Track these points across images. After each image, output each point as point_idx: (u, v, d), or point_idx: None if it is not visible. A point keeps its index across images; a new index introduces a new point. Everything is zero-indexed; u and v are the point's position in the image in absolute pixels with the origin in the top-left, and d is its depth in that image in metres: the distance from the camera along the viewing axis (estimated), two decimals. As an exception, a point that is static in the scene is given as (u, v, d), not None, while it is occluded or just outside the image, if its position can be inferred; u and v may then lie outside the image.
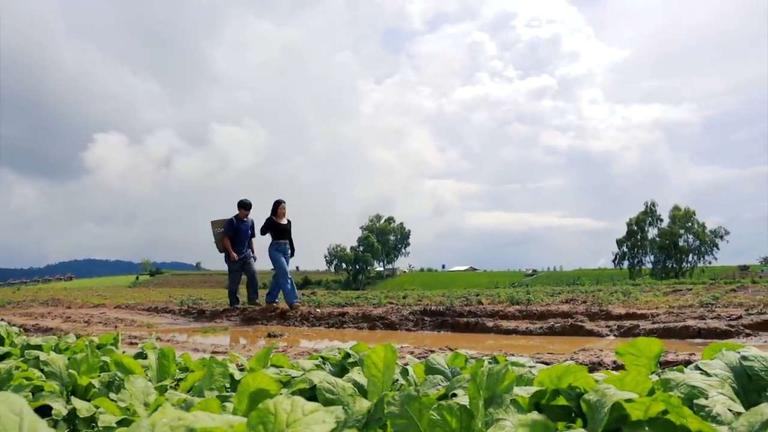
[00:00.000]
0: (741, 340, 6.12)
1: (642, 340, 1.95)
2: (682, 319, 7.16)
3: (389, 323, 8.66)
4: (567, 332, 7.12)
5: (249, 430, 1.08)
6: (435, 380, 2.17)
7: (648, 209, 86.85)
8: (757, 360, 1.86)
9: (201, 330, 9.07)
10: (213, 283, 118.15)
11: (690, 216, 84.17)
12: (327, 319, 9.49)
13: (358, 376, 2.24)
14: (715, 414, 1.57)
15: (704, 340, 6.23)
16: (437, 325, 8.33)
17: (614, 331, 6.96)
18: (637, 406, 1.46)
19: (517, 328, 7.47)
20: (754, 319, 6.73)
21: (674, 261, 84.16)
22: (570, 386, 1.68)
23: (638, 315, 7.79)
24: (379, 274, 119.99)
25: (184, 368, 3.18)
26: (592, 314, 8.03)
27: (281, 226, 11.73)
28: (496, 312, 8.64)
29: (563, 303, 10.54)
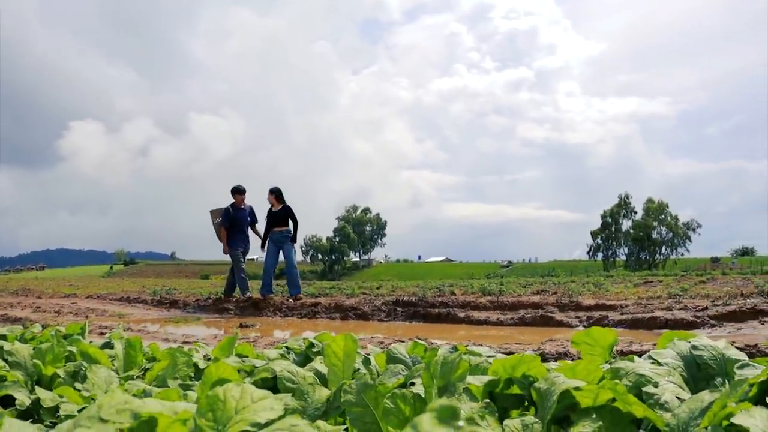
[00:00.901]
0: (706, 331, 6.22)
1: (596, 329, 1.99)
2: (649, 310, 7.26)
3: (362, 314, 8.70)
4: (537, 323, 7.19)
5: (199, 417, 1.10)
6: (396, 369, 2.20)
7: (622, 202, 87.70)
8: (706, 349, 1.91)
9: (173, 320, 9.05)
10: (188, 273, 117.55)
11: (663, 209, 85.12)
12: (300, 310, 9.50)
13: (320, 365, 2.26)
14: (663, 401, 1.61)
15: (671, 331, 6.31)
16: (409, 316, 8.37)
17: (584, 322, 7.05)
18: (586, 393, 1.50)
19: (488, 319, 7.53)
20: (719, 310, 6.85)
21: (648, 253, 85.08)
22: (524, 375, 1.72)
23: (607, 306, 7.90)
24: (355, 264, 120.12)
25: (152, 358, 3.18)
26: (563, 305, 8.12)
27: (273, 214, 11.52)
28: (468, 303, 8.71)
29: (534, 294, 10.64)
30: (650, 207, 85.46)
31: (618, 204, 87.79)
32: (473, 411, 1.53)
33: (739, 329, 6.14)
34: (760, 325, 6.23)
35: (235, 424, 1.08)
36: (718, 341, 2.01)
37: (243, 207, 11.76)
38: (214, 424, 1.09)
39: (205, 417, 1.10)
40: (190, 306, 11.03)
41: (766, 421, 1.32)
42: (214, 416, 1.11)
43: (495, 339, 6.21)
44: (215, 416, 1.11)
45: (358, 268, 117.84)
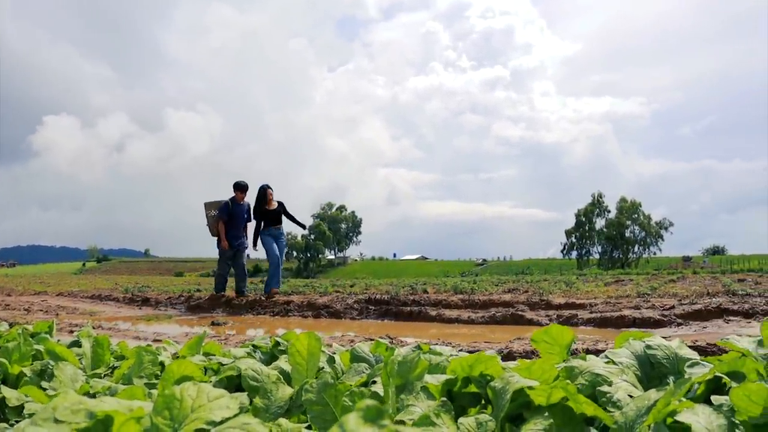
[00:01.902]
0: (673, 329, 6.31)
1: (555, 328, 2.04)
2: (618, 309, 7.35)
3: (334, 312, 8.71)
4: (508, 321, 7.25)
5: (155, 415, 1.12)
6: (359, 368, 2.24)
7: (596, 201, 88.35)
8: (660, 349, 1.97)
9: (145, 318, 9.01)
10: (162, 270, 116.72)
11: (636, 208, 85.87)
12: (272, 308, 9.50)
13: (285, 364, 2.29)
14: (615, 400, 1.65)
15: (639, 330, 6.40)
16: (381, 314, 8.40)
17: (554, 320, 7.11)
18: (540, 392, 1.54)
19: (459, 317, 7.58)
20: (685, 309, 6.95)
21: (621, 252, 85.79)
22: (481, 374, 1.76)
23: (577, 305, 7.98)
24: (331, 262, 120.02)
25: (120, 356, 3.18)
26: (533, 304, 8.20)
27: (270, 214, 11.34)
28: (440, 301, 8.75)
29: (505, 293, 10.71)
30: (623, 206, 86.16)
31: (592, 203, 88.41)
32: (430, 409, 1.57)
33: (704, 328, 6.24)
34: (725, 324, 6.34)
35: (191, 422, 1.11)
36: (672, 341, 2.07)
37: (242, 203, 11.51)
38: (171, 422, 1.12)
39: (162, 415, 1.13)
40: (162, 304, 10.99)
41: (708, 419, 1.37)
42: (171, 414, 1.13)
43: (466, 337, 6.26)
44: (171, 414, 1.13)
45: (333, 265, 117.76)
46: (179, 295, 11.88)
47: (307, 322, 8.27)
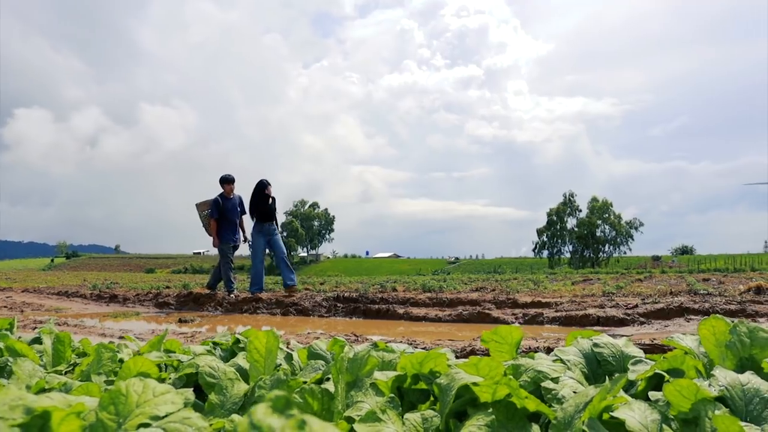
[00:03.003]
0: (635, 328, 6.40)
1: (503, 327, 2.09)
2: (583, 307, 7.45)
3: (302, 309, 8.72)
4: (474, 319, 7.30)
5: (101, 410, 1.15)
6: (316, 365, 2.28)
7: (567, 200, 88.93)
8: (606, 347, 2.03)
9: (112, 315, 8.95)
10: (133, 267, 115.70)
11: (607, 207, 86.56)
12: (241, 305, 9.49)
13: (243, 361, 2.31)
14: (560, 396, 1.71)
15: (603, 328, 6.49)
16: (349, 312, 8.43)
17: (519, 319, 7.19)
18: (485, 389, 1.59)
19: (427, 315, 7.63)
20: (648, 307, 7.06)
21: (591, 251, 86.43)
22: (431, 371, 1.81)
23: (543, 303, 8.07)
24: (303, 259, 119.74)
25: (82, 353, 3.18)
26: (500, 302, 8.28)
27: (265, 208, 11.16)
28: (408, 299, 8.80)
29: (473, 291, 10.79)
30: (595, 206, 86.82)
31: (563, 202, 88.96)
32: (377, 405, 1.61)
33: (666, 326, 6.35)
34: (685, 323, 6.45)
35: (135, 417, 1.14)
36: (619, 339, 2.13)
37: (232, 197, 11.23)
38: (116, 417, 1.15)
39: (107, 410, 1.15)
40: (130, 300, 10.92)
41: (643, 414, 1.43)
42: (116, 410, 1.16)
43: (432, 335, 6.30)
44: (117, 410, 1.16)
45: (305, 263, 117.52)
46: (147, 292, 11.82)
47: (276, 319, 8.27)
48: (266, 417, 0.58)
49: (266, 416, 0.58)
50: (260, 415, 0.58)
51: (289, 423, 0.58)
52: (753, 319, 6.45)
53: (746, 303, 7.19)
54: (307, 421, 0.58)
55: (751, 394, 1.43)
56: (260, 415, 0.58)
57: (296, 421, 0.58)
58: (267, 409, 0.59)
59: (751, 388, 1.44)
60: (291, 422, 0.58)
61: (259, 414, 0.58)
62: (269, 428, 0.57)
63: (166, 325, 7.73)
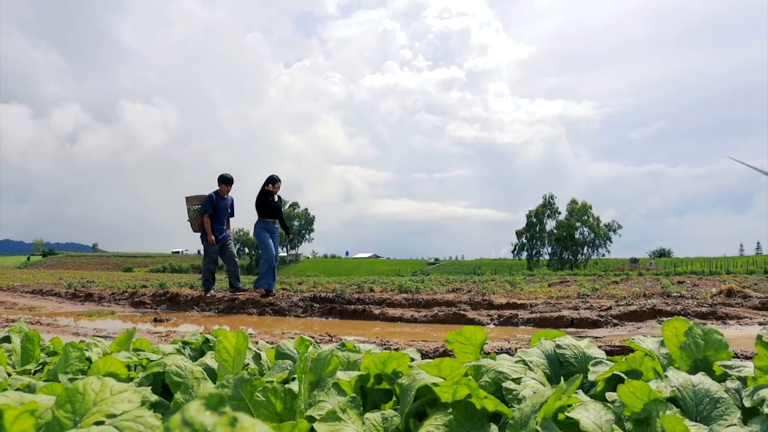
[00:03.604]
0: (608, 329, 6.46)
1: (468, 328, 2.11)
2: (557, 309, 7.50)
3: (278, 309, 8.72)
4: (450, 320, 7.33)
5: (57, 408, 1.16)
6: (284, 365, 2.29)
7: (547, 202, 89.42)
8: (569, 348, 2.06)
9: (86, 314, 8.90)
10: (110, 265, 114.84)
11: (586, 210, 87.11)
12: (217, 305, 9.46)
13: (211, 360, 2.32)
14: (521, 397, 1.74)
15: (577, 330, 6.55)
16: (326, 312, 8.44)
17: (494, 320, 7.23)
18: (445, 389, 1.61)
19: (403, 316, 7.65)
20: (621, 309, 7.13)
21: (570, 253, 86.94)
22: (394, 371, 1.83)
23: (518, 305, 8.12)
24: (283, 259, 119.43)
25: (52, 352, 3.17)
26: (475, 303, 8.32)
27: (273, 205, 10.89)
28: (384, 300, 8.82)
29: (449, 292, 10.84)
30: (574, 208, 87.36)
31: (543, 204, 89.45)
32: (339, 405, 1.63)
33: (639, 328, 6.42)
34: (657, 324, 6.52)
35: (91, 415, 1.15)
36: (582, 341, 2.16)
37: (226, 197, 11.14)
38: (72, 415, 1.16)
39: (63, 408, 1.16)
40: (105, 299, 10.85)
41: (597, 414, 1.46)
42: (73, 408, 1.17)
43: (407, 336, 6.32)
44: (74, 408, 1.17)
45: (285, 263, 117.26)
46: (123, 291, 11.75)
47: (252, 319, 8.26)
48: (198, 414, 0.60)
49: (198, 413, 0.60)
50: (193, 411, 0.60)
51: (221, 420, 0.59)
52: (723, 321, 6.54)
53: (717, 305, 7.29)
54: (239, 419, 0.60)
55: (702, 394, 1.47)
56: (193, 411, 0.60)
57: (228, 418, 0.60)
58: (200, 406, 0.61)
59: (702, 389, 1.48)
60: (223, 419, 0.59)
61: (192, 411, 0.60)
62: (201, 425, 0.58)
63: (142, 324, 7.69)
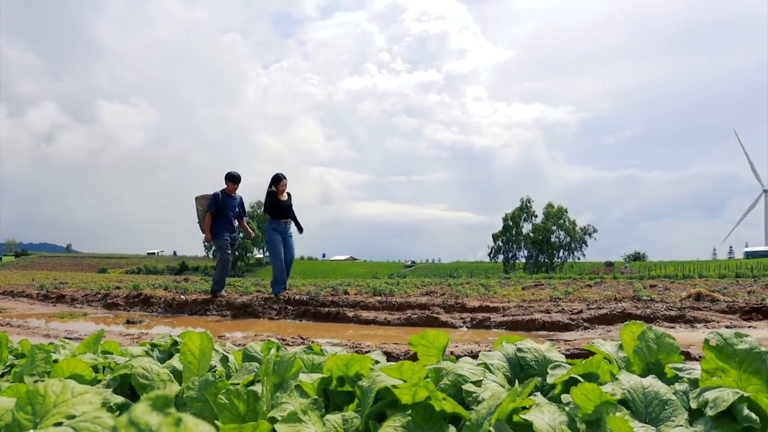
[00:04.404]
0: (579, 333, 6.54)
1: (431, 332, 2.15)
2: (530, 312, 7.57)
3: (252, 311, 8.73)
4: (423, 323, 7.37)
5: (17, 410, 1.18)
6: (250, 367, 2.31)
7: (523, 205, 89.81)
8: (529, 351, 2.11)
9: (58, 315, 8.84)
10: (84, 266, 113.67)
11: (562, 213, 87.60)
12: (191, 306, 9.44)
13: (178, 362, 2.34)
14: (481, 399, 1.78)
15: (548, 333, 6.62)
16: (300, 315, 8.45)
17: (467, 323, 7.29)
18: (405, 391, 1.65)
19: (376, 319, 7.69)
20: (592, 313, 7.22)
21: (546, 256, 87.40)
22: (357, 374, 1.86)
23: (491, 308, 8.18)
24: (259, 261, 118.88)
25: (21, 354, 3.16)
26: (449, 306, 8.37)
27: (281, 204, 10.45)
28: (358, 302, 8.85)
29: (423, 295, 10.90)
30: (550, 211, 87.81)
31: (520, 207, 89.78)
32: (300, 406, 1.66)
33: (609, 331, 6.50)
34: (627, 328, 6.62)
35: (52, 416, 1.17)
36: (542, 344, 2.21)
37: (233, 196, 10.82)
38: (32, 417, 1.18)
39: (24, 410, 1.19)
40: (78, 301, 10.78)
41: (552, 416, 1.51)
42: (33, 410, 1.19)
43: (379, 338, 6.36)
44: (34, 410, 1.19)
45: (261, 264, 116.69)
46: (96, 293, 11.67)
47: (225, 322, 8.26)
48: (144, 414, 0.63)
49: (145, 414, 0.63)
50: (139, 412, 0.63)
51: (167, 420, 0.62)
52: (691, 324, 6.65)
53: (686, 309, 7.40)
54: (183, 419, 0.63)
55: (651, 396, 1.52)
56: (139, 412, 0.63)
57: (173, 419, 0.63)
58: (146, 407, 0.64)
59: (652, 391, 1.53)
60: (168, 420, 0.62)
61: (138, 411, 0.63)
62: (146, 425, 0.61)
63: (114, 326, 7.66)
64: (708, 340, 1.61)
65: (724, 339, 1.60)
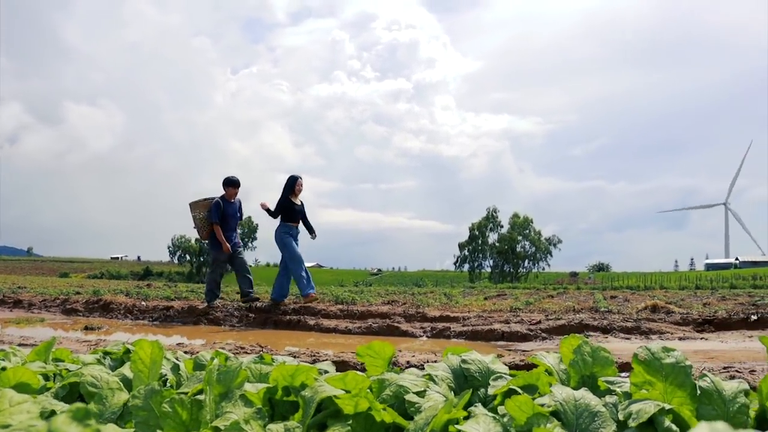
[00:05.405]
0: (538, 343, 6.63)
1: (377, 343, 2.20)
2: (489, 322, 7.65)
3: (214, 319, 8.70)
4: (384, 332, 7.41)
5: (-45, 420, 1.20)
6: (200, 375, 2.33)
7: (490, 215, 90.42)
8: (474, 363, 2.16)
9: (14, 321, 8.73)
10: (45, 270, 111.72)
11: (528, 223, 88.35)
12: (152, 313, 9.38)
13: (128, 371, 2.35)
14: (423, 409, 1.82)
15: (507, 343, 6.70)
16: (261, 322, 8.45)
17: (427, 333, 7.34)
18: (347, 402, 1.69)
19: (337, 327, 7.71)
20: (551, 324, 7.32)
21: (511, 266, 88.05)
22: (302, 384, 1.90)
23: (451, 318, 8.25)
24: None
25: (-30, 362, 3.14)
26: (409, 316, 8.42)
27: (296, 207, 10.03)
28: (320, 311, 8.87)
29: (385, 304, 10.93)
30: (516, 221, 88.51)
31: (486, 217, 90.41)
32: (244, 416, 1.69)
33: (565, 342, 6.60)
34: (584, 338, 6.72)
35: (-12, 426, 1.19)
36: (487, 356, 2.26)
37: (233, 201, 10.39)
38: (-32, 426, 1.20)
39: (-39, 419, 1.20)
40: (36, 306, 10.64)
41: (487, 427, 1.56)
42: (-30, 418, 1.21)
43: (339, 347, 6.38)
44: (-30, 418, 1.21)
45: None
46: (55, 298, 11.52)
47: (187, 328, 8.22)
48: (64, 425, 0.66)
49: (65, 425, 0.66)
50: (59, 423, 0.66)
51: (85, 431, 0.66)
52: (646, 336, 6.78)
53: (642, 321, 7.53)
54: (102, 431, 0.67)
55: (582, 408, 1.57)
56: (59, 423, 0.66)
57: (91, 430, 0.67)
58: (66, 418, 0.67)
59: (583, 403, 1.58)
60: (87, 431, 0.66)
61: (59, 422, 0.66)
62: (64, 436, 0.65)
63: (72, 332, 7.58)
64: (637, 354, 1.67)
65: (651, 353, 1.67)
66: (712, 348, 5.77)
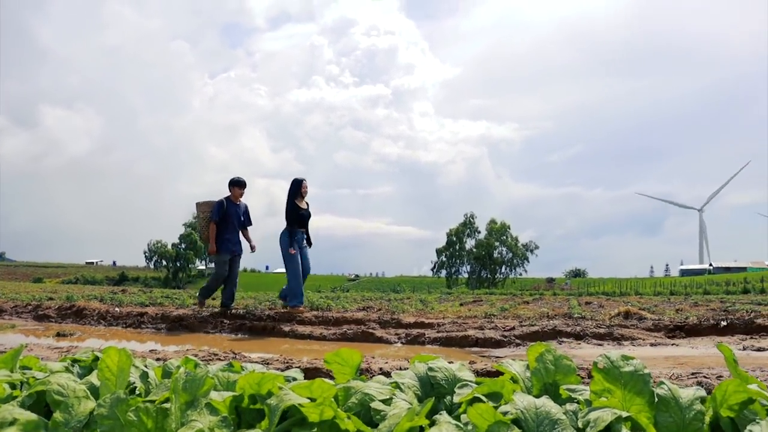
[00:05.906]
0: (511, 349, 6.66)
1: (344, 350, 2.22)
2: (464, 329, 7.68)
3: (188, 325, 8.65)
4: (359, 338, 7.41)
5: None
6: (169, 384, 2.33)
7: (467, 221, 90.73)
8: (440, 371, 2.18)
9: (-17, 327, 8.62)
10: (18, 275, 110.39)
11: (505, 229, 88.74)
12: (125, 319, 9.31)
13: (96, 379, 2.34)
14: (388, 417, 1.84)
15: (481, 349, 6.72)
16: (236, 328, 8.42)
17: (402, 339, 7.35)
18: (312, 410, 1.71)
19: (312, 334, 7.70)
20: (524, 330, 7.36)
21: (489, 272, 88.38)
22: (269, 392, 1.91)
23: (426, 324, 8.26)
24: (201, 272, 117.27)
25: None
26: (384, 322, 8.43)
27: (301, 211, 9.85)
28: (294, 317, 8.85)
29: (360, 310, 10.92)
30: (493, 227, 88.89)
31: (463, 223, 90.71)
32: (209, 424, 1.70)
33: (539, 349, 6.64)
34: (558, 345, 6.76)
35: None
36: (453, 364, 2.28)
37: (239, 203, 10.17)
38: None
39: None
40: (6, 312, 10.51)
41: (450, 434, 1.58)
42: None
43: (314, 353, 6.37)
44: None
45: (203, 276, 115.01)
46: (27, 304, 11.39)
47: (161, 335, 8.17)
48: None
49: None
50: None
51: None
52: (618, 342, 6.84)
53: (614, 327, 7.60)
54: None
55: (543, 416, 1.60)
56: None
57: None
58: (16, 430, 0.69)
59: (543, 411, 1.61)
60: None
61: (7, 435, 0.67)
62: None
63: (44, 339, 7.51)
64: (596, 362, 1.70)
65: (611, 362, 1.70)
66: (683, 354, 5.85)
